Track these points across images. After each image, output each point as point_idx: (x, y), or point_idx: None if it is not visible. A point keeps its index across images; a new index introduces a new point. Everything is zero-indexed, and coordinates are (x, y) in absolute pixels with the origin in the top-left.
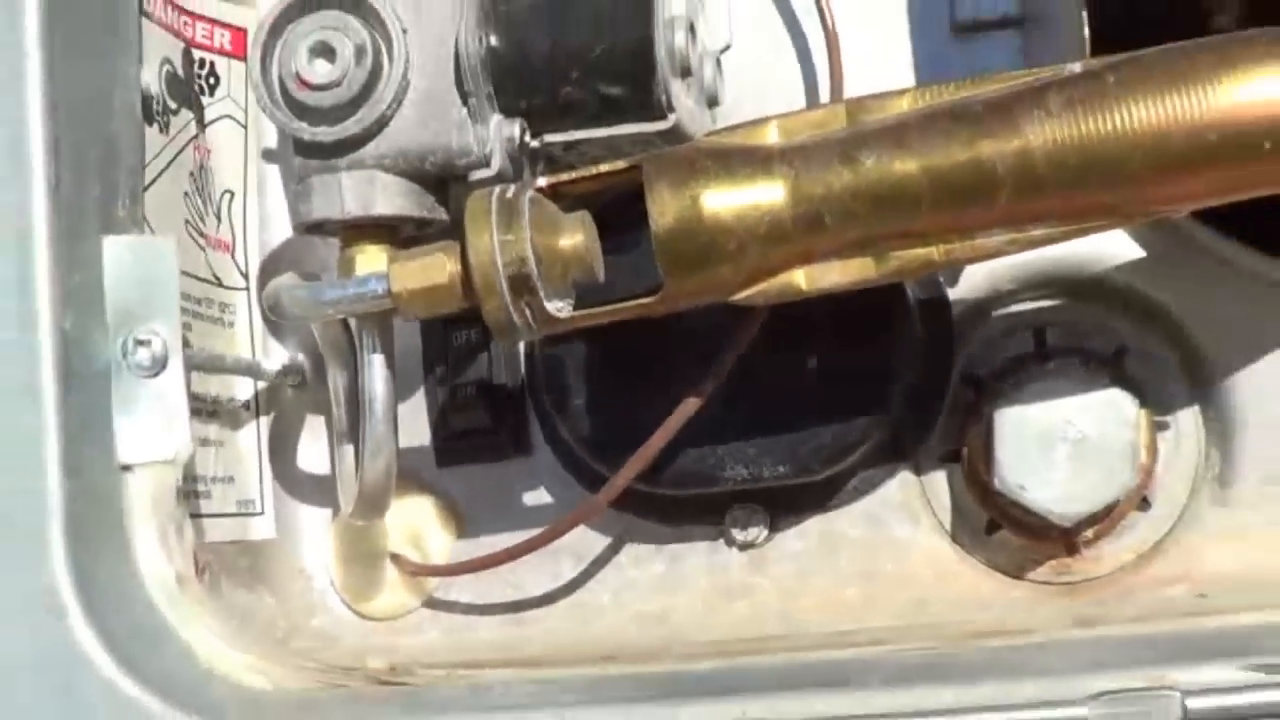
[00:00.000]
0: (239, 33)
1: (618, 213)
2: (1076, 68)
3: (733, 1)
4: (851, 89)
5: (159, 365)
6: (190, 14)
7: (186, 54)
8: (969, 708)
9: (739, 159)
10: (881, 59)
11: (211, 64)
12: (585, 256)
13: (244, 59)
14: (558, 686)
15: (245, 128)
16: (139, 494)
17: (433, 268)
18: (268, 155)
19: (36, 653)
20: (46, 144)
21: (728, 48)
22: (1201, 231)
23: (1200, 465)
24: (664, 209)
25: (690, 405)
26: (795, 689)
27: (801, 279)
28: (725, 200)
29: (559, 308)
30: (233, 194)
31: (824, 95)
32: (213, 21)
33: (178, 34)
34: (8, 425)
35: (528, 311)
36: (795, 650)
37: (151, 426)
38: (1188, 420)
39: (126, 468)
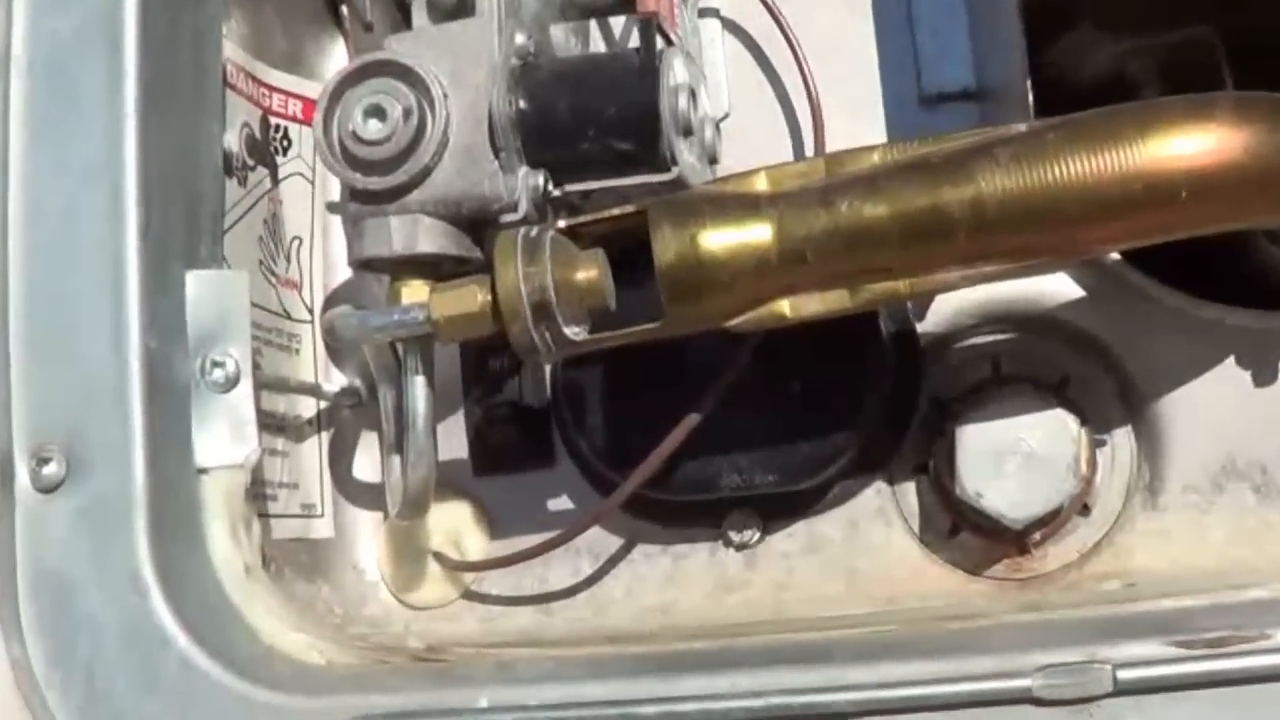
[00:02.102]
0: (309, 102)
1: (628, 250)
2: (1022, 127)
3: (731, 77)
4: (832, 150)
5: (232, 383)
6: (268, 86)
7: (264, 120)
8: (929, 679)
9: (732, 203)
10: (859, 127)
11: (285, 129)
12: (599, 288)
13: (312, 124)
14: (573, 663)
15: (313, 184)
16: (213, 494)
17: (466, 297)
18: (331, 208)
19: (123, 627)
20: (140, 192)
21: (726, 116)
22: (1133, 274)
23: (1133, 476)
24: (666, 247)
25: (690, 421)
26: (779, 664)
27: (786, 308)
28: (720, 239)
29: (575, 332)
30: (301, 240)
31: (809, 156)
32: (287, 93)
33: (256, 103)
34: (101, 430)
35: (548, 335)
36: (780, 633)
37: (224, 436)
38: (1122, 437)
39: (203, 470)
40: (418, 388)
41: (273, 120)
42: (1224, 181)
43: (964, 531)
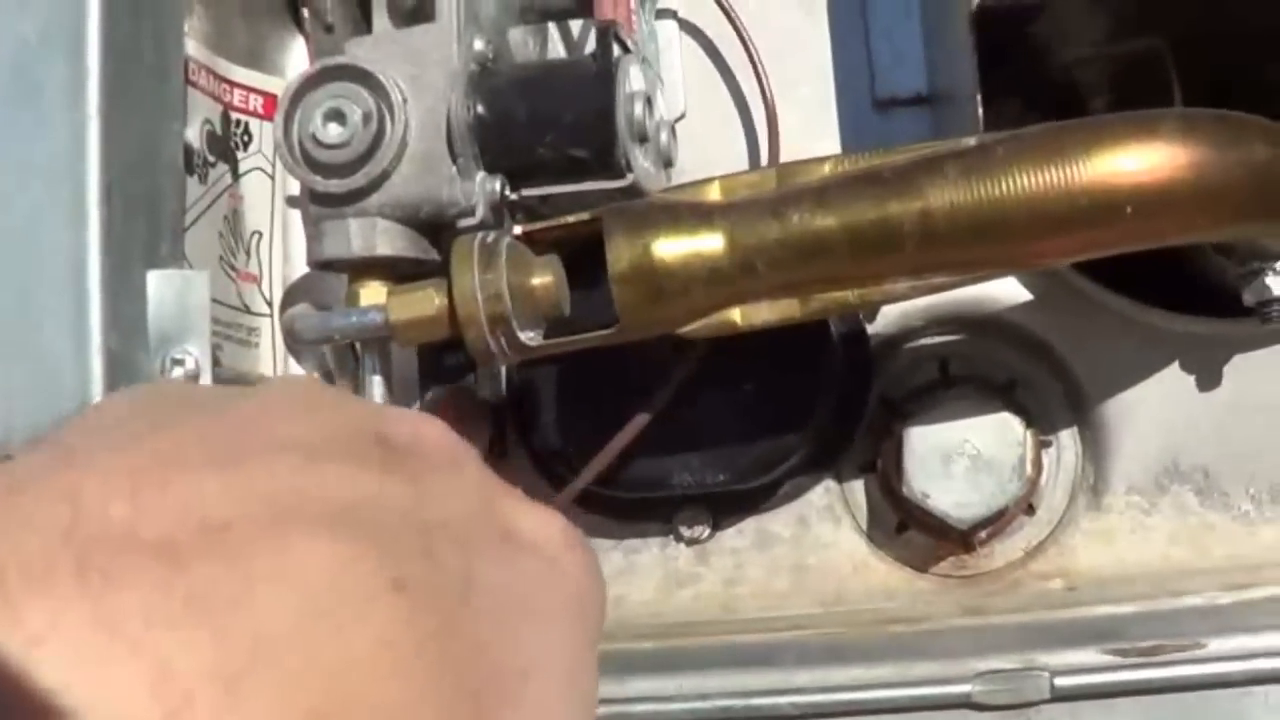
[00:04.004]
0: (270, 98)
1: (583, 255)
2: (972, 141)
3: (687, 78)
4: (788, 153)
5: (191, 380)
6: (229, 82)
7: (225, 116)
8: (871, 683)
9: (685, 213)
10: (813, 129)
11: (246, 124)
12: (554, 294)
13: (273, 120)
14: None
15: (273, 178)
16: None
17: (423, 301)
18: (291, 201)
19: None
20: (101, 193)
21: (682, 117)
22: (1080, 280)
23: (1077, 477)
24: (620, 255)
25: (640, 420)
26: (725, 667)
27: (737, 316)
28: (672, 248)
29: (530, 337)
30: (261, 234)
31: (764, 157)
32: (248, 89)
33: (218, 99)
34: None
35: (503, 340)
36: (726, 634)
37: None
38: (1067, 439)
39: None
40: (375, 387)
41: (234, 116)
42: (1168, 198)
43: (911, 529)
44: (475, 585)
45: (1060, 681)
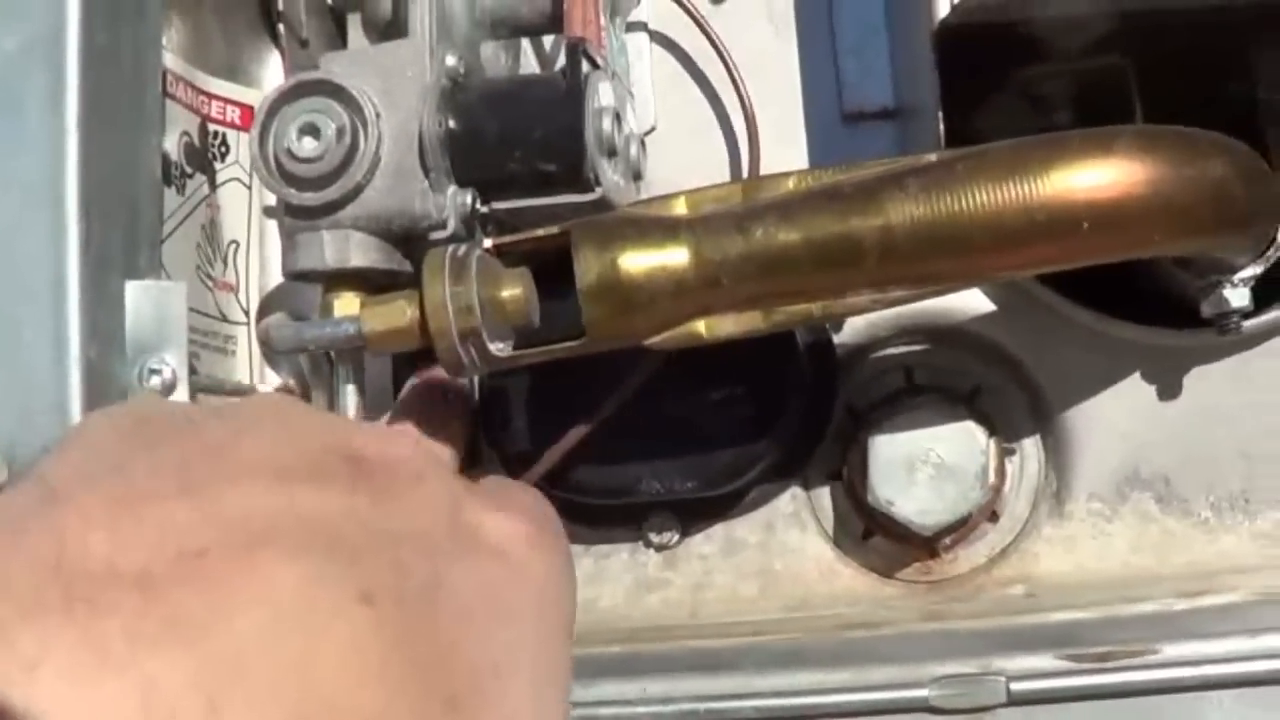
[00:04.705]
0: (247, 109)
1: (552, 268)
2: (933, 157)
3: (658, 89)
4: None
5: (169, 389)
6: (206, 94)
7: (202, 127)
8: (830, 688)
9: (652, 227)
10: (782, 142)
11: (224, 135)
12: (523, 306)
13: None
14: None
15: (250, 189)
16: None
17: (395, 313)
18: (268, 212)
19: None
20: (80, 205)
21: (652, 129)
22: (1043, 291)
23: (1040, 485)
24: (588, 268)
25: (581, 430)
26: (688, 671)
27: (702, 328)
28: (639, 262)
29: (500, 349)
30: (238, 244)
31: (734, 168)
32: (225, 100)
33: (195, 110)
34: (42, 439)
35: (473, 351)
36: (690, 639)
37: None
38: (1030, 447)
39: None
40: (349, 396)
41: (211, 127)
42: (1124, 213)
43: (876, 536)
44: (442, 590)
45: (1016, 686)
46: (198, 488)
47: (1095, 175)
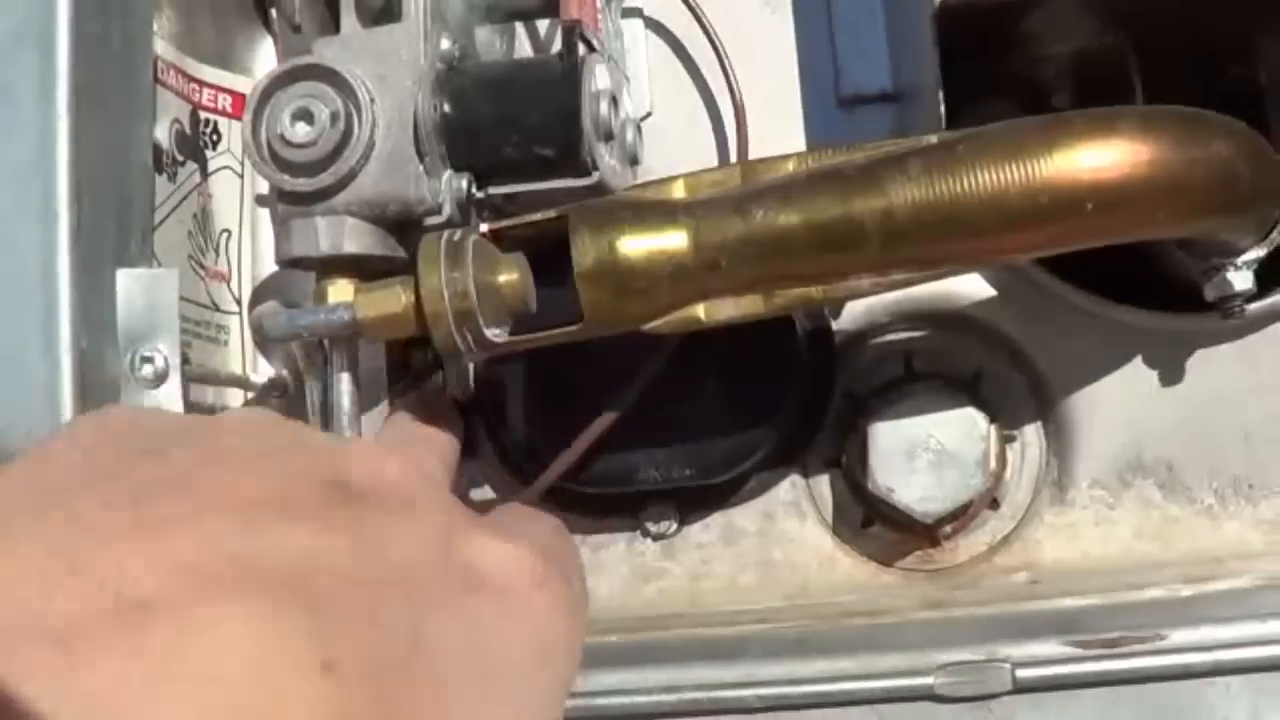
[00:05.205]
0: (239, 97)
1: (549, 253)
2: (934, 139)
3: (654, 75)
4: (753, 150)
5: (161, 378)
6: (198, 81)
7: (194, 115)
8: (835, 676)
9: (649, 210)
10: (779, 126)
11: (215, 123)
12: (520, 291)
13: (242, 119)
14: None
15: (242, 177)
16: None
17: (390, 299)
18: (260, 200)
19: None
20: (71, 193)
21: (649, 115)
22: (1044, 275)
23: (1041, 471)
24: (585, 252)
25: (607, 419)
26: (692, 660)
27: (701, 312)
28: (637, 245)
29: (496, 334)
30: (230, 232)
31: (730, 153)
32: (216, 87)
33: (187, 98)
34: (34, 428)
35: (469, 337)
36: (692, 627)
37: None
38: (1031, 433)
39: None
40: (343, 384)
41: (202, 115)
42: (1128, 194)
43: (876, 524)
44: (422, 645)
45: (1022, 673)
46: (151, 528)
47: (1099, 156)
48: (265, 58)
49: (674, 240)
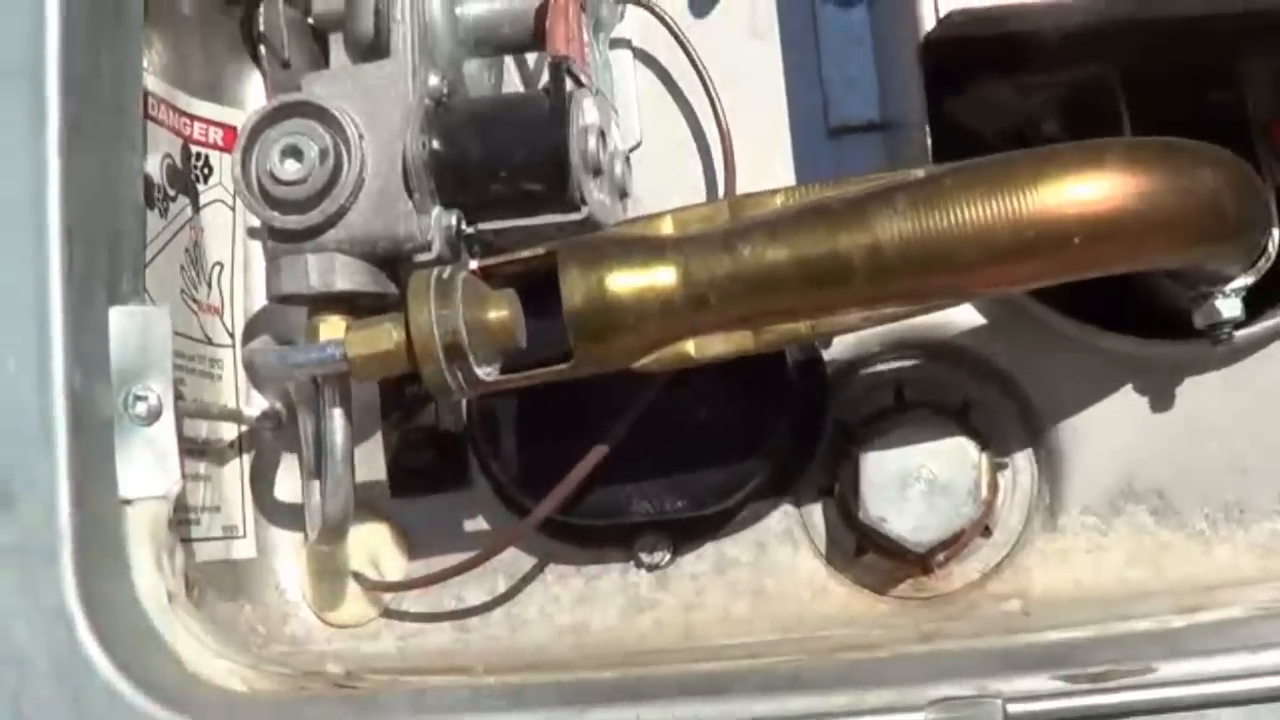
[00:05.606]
0: (230, 130)
1: (539, 288)
2: (920, 173)
3: (643, 106)
4: (744, 180)
5: (154, 416)
6: (189, 115)
7: (185, 149)
8: (827, 712)
9: (638, 247)
10: (768, 156)
11: (206, 157)
12: (510, 328)
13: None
14: (486, 693)
15: (233, 210)
16: (137, 524)
17: (381, 337)
18: (252, 233)
19: (50, 658)
20: (63, 231)
21: (638, 145)
22: (1034, 305)
23: (1033, 498)
24: (574, 289)
25: (599, 452)
26: (684, 696)
27: (691, 348)
28: (626, 282)
29: (487, 372)
30: (222, 266)
31: (720, 183)
32: (208, 121)
33: (178, 133)
34: (27, 467)
35: (460, 375)
36: (685, 662)
37: (147, 468)
38: (1023, 461)
39: (126, 502)
40: (335, 420)
41: (194, 149)
42: (1116, 226)
43: (869, 553)
44: None
45: (1013, 709)
46: None
47: (1086, 189)
48: (256, 90)
49: (663, 276)
